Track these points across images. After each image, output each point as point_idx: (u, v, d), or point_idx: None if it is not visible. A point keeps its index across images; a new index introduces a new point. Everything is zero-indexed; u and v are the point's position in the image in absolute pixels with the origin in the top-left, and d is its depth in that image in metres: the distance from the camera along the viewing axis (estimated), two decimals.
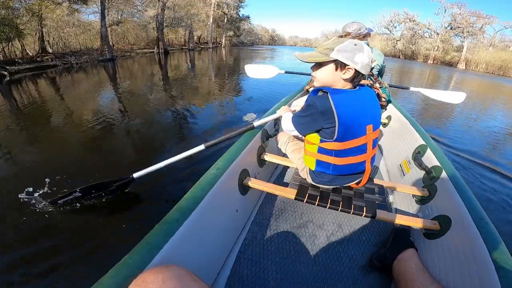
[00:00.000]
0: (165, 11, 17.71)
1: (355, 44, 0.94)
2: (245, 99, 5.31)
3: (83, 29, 14.21)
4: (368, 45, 1.91)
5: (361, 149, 1.01)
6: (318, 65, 0.98)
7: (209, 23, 30.59)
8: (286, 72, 3.05)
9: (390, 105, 2.27)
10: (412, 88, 2.57)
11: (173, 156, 1.62)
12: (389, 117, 2.23)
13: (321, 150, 1.01)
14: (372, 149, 1.03)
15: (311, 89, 2.01)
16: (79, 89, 5.81)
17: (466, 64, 37.25)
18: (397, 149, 1.88)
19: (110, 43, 14.23)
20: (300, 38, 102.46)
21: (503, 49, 36.55)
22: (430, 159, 1.44)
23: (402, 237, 1.16)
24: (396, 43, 48.60)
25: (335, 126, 0.93)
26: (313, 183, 1.13)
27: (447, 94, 2.43)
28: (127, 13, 16.50)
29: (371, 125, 0.99)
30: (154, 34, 18.69)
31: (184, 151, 1.58)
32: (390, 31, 50.73)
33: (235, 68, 11.53)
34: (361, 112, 0.97)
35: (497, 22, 38.43)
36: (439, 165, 1.33)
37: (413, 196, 1.35)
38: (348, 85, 0.99)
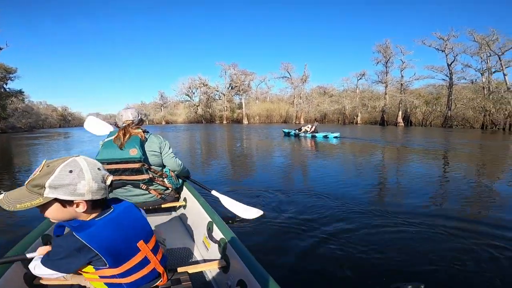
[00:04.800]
0: None
1: (71, 171, 0.85)
2: None
3: None
4: (146, 131, 2.05)
5: (144, 263, 1.00)
6: (41, 207, 0.86)
7: None
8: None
9: (184, 187, 2.45)
10: (213, 192, 2.58)
11: None
12: (185, 199, 2.40)
13: (102, 277, 0.95)
14: (156, 255, 1.06)
15: None
16: None
17: (247, 118, 50.46)
18: (198, 227, 2.03)
19: None
20: (102, 116, 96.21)
21: (264, 100, 53.75)
22: (217, 233, 1.64)
23: None
24: (197, 109, 57.32)
25: (100, 257, 0.88)
26: None
27: (244, 210, 2.58)
28: None
29: (142, 240, 1.00)
30: None
31: None
32: (190, 98, 58.84)
33: None
34: (124, 235, 0.95)
35: (256, 78, 54.42)
36: (224, 237, 1.54)
37: (218, 268, 1.50)
38: (95, 212, 0.93)
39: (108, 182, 0.94)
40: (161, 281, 1.10)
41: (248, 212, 2.64)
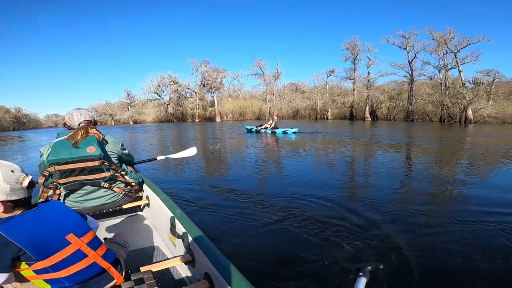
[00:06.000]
0: None
1: None
2: None
3: None
4: (99, 132, 1.97)
5: (78, 256, 1.03)
6: None
7: None
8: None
9: (145, 185, 2.42)
10: (158, 157, 3.15)
11: None
12: (147, 197, 2.37)
13: (37, 272, 0.98)
14: (95, 249, 1.09)
15: None
16: None
17: (220, 116, 49.98)
18: (162, 224, 2.01)
19: None
20: (62, 117, 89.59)
21: (236, 97, 53.55)
22: (180, 228, 1.63)
23: None
24: (167, 108, 55.62)
25: (25, 252, 0.92)
26: None
27: (184, 152, 3.33)
28: None
29: (72, 233, 1.04)
30: None
31: None
32: (160, 96, 56.59)
33: None
34: (49, 228, 1.00)
35: (228, 75, 53.67)
36: (186, 231, 1.54)
37: (185, 263, 1.50)
38: (18, 210, 0.99)
39: (25, 184, 1.00)
40: (115, 280, 1.13)
41: (188, 152, 3.37)
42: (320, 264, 2.22)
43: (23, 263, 0.97)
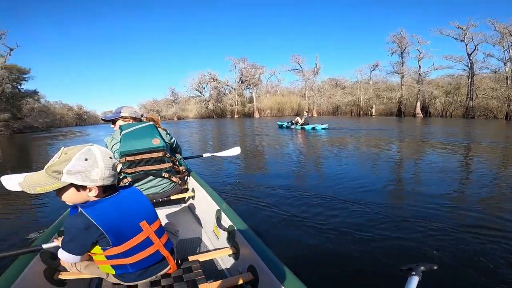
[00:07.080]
0: None
1: (86, 159, 0.93)
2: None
3: None
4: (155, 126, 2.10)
5: (146, 244, 1.07)
6: (57, 190, 0.95)
7: None
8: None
9: (191, 177, 2.50)
10: (204, 155, 3.32)
11: None
12: (193, 190, 2.45)
13: (108, 257, 1.02)
14: (160, 238, 1.12)
15: None
16: None
17: (259, 112, 50.27)
18: (207, 216, 2.07)
19: None
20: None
21: (274, 93, 53.45)
22: (226, 220, 1.67)
23: None
24: (208, 104, 57.69)
25: (105, 236, 0.96)
26: (127, 284, 1.13)
27: (228, 151, 3.41)
28: None
29: (145, 221, 1.07)
30: None
31: None
32: (201, 93, 58.78)
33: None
34: (127, 214, 1.03)
35: (266, 71, 54.01)
36: (232, 224, 1.58)
37: (229, 255, 1.54)
38: (105, 194, 1.02)
39: (118, 170, 1.04)
40: (170, 268, 1.17)
41: (232, 151, 3.40)
42: (368, 263, 2.18)
43: (98, 247, 1.00)
